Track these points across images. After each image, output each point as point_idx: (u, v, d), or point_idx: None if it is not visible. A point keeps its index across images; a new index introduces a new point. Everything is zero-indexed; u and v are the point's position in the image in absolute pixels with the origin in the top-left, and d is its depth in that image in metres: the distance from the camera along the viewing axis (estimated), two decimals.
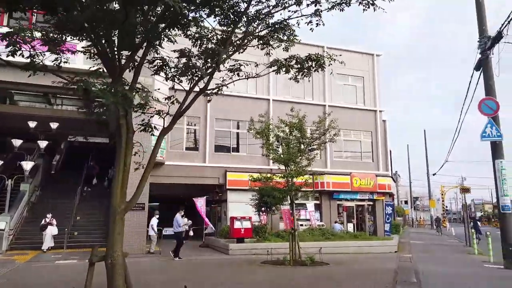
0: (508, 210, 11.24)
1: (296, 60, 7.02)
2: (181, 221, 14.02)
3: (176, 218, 14.15)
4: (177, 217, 14.20)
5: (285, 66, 7.08)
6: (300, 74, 7.34)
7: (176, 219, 14.08)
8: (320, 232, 17.30)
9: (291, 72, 7.25)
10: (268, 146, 12.36)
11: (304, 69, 7.12)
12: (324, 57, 7.18)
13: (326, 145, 22.42)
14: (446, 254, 15.76)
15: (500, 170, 11.33)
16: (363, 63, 24.48)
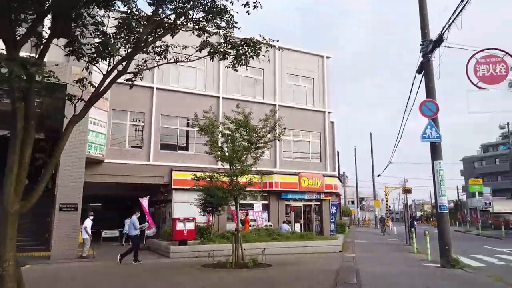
0: (445, 210, 11.48)
1: (231, 44, 6.46)
2: (137, 224, 13.30)
3: (132, 220, 13.42)
4: (133, 219, 13.45)
5: (218, 51, 6.46)
6: (237, 61, 6.78)
7: (133, 222, 13.34)
8: (267, 232, 16.94)
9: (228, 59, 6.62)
10: (212, 144, 11.74)
11: (241, 56, 6.55)
12: (260, 42, 6.67)
13: (276, 145, 22.29)
14: (388, 253, 16.02)
15: (439, 171, 11.55)
16: (313, 64, 24.58)
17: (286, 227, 19.52)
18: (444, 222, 11.43)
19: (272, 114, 12.58)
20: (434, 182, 11.67)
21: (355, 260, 13.36)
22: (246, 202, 21.30)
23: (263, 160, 22.17)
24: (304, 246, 16.05)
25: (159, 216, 21.62)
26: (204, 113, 11.99)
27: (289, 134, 23.07)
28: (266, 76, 22.81)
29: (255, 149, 12.25)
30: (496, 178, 56.86)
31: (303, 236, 17.28)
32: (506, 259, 13.83)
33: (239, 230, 12.06)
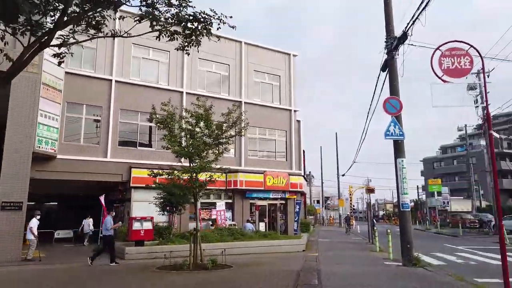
0: (407, 208, 11.35)
1: (179, 19, 5.79)
2: (110, 224, 12.63)
3: (106, 220, 12.70)
4: (107, 219, 12.76)
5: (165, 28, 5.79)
6: (188, 42, 6.13)
7: (106, 222, 12.64)
8: (229, 232, 16.37)
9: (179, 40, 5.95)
10: (170, 138, 11.00)
11: (191, 35, 5.91)
12: (211, 17, 6.05)
13: (241, 143, 21.78)
14: (351, 252, 15.86)
15: (401, 169, 11.41)
16: (280, 62, 24.24)
17: (250, 226, 19.04)
18: (406, 221, 11.29)
19: (235, 108, 11.97)
20: (397, 180, 11.51)
21: (318, 259, 13.05)
22: (210, 201, 20.65)
23: (228, 158, 21.62)
24: (267, 246, 15.62)
25: (117, 215, 20.51)
26: (162, 105, 11.23)
27: (255, 132, 22.64)
28: (232, 72, 22.21)
29: (216, 145, 11.63)
30: (454, 178, 59.13)
31: (266, 236, 16.85)
32: (465, 257, 13.96)
33: (198, 229, 11.39)
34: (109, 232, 12.53)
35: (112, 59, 18.58)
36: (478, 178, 48.39)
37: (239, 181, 20.67)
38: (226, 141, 11.87)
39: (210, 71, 21.59)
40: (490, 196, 53.03)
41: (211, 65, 21.60)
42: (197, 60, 21.04)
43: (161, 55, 20.11)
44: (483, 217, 36.83)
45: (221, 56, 21.83)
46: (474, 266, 11.81)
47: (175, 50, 21.40)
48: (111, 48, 18.60)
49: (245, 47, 22.83)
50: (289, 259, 13.44)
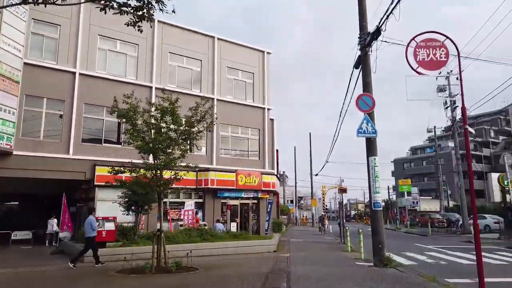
0: (379, 208, 11.08)
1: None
2: (95, 224, 11.99)
3: (89, 221, 11.86)
4: (90, 219, 11.95)
5: None
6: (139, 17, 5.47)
7: (90, 222, 11.83)
8: (199, 232, 15.70)
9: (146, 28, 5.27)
10: (132, 133, 10.25)
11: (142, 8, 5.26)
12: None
13: (212, 141, 21.13)
14: (322, 252, 15.54)
15: (373, 167, 11.13)
16: (254, 60, 23.75)
17: (221, 226, 18.42)
18: (377, 220, 11.01)
19: (203, 102, 11.35)
20: (369, 178, 11.22)
21: (289, 260, 12.61)
22: (180, 201, 19.92)
23: (199, 157, 20.93)
24: (237, 247, 15.07)
25: (80, 216, 19.42)
26: (124, 98, 10.46)
27: (227, 130, 22.07)
28: (204, 68, 21.53)
29: (183, 140, 10.97)
30: (423, 178, 60.53)
31: (237, 236, 16.30)
32: (435, 257, 13.89)
33: (162, 230, 10.70)
34: (93, 233, 11.88)
35: (76, 50, 17.54)
36: (446, 178, 49.58)
37: (210, 180, 20.03)
38: (194, 137, 11.23)
39: (181, 66, 20.84)
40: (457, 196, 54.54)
41: (182, 60, 20.85)
42: (168, 55, 20.26)
43: (129, 48, 19.19)
44: (450, 216, 37.68)
45: (192, 51, 21.13)
46: (444, 266, 11.68)
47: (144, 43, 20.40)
48: (75, 38, 17.57)
49: (218, 42, 22.20)
50: (259, 260, 12.95)
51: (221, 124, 21.66)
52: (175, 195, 19.95)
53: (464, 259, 13.19)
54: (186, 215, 19.24)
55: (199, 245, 14.37)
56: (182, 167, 11.37)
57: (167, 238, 14.44)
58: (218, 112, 21.68)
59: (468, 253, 14.93)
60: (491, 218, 28.62)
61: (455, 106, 28.79)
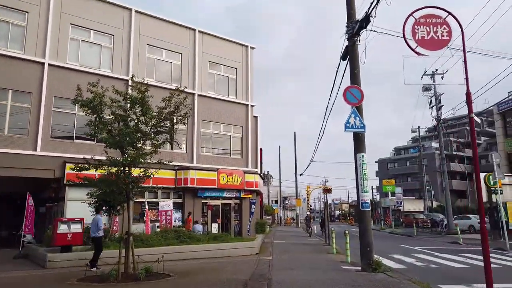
0: (367, 208, 10.28)
1: None
2: (101, 224, 11.32)
3: (96, 220, 11.18)
4: (97, 218, 11.21)
5: None
6: None
7: (97, 221, 11.15)
8: (176, 234, 14.68)
9: None
10: (96, 124, 9.19)
11: None
12: None
13: (193, 138, 20.11)
14: (306, 255, 14.71)
15: (361, 165, 10.34)
16: (237, 54, 22.82)
17: (200, 228, 17.44)
18: (365, 221, 10.22)
19: (177, 93, 10.37)
20: (357, 177, 10.43)
21: (271, 264, 11.74)
22: (157, 201, 18.83)
23: (179, 154, 19.89)
24: (217, 249, 14.11)
25: (50, 217, 18.16)
26: (89, 86, 9.39)
27: (209, 127, 21.10)
28: (184, 62, 20.49)
29: (155, 134, 9.96)
30: (407, 179, 60.59)
31: (217, 238, 15.33)
32: (424, 259, 13.21)
33: (131, 233, 9.68)
34: (100, 233, 11.17)
35: (46, 39, 16.28)
36: (429, 179, 49.60)
37: (190, 179, 19.00)
38: (167, 131, 10.24)
39: (160, 59, 19.75)
40: (441, 196, 54.70)
41: (161, 52, 19.76)
42: (146, 47, 19.16)
43: (104, 38, 18.00)
44: (434, 217, 37.48)
45: (172, 44, 20.07)
46: (435, 269, 10.97)
47: (120, 34, 19.24)
48: (45, 27, 16.32)
49: (200, 36, 21.20)
50: (240, 264, 12.03)
51: (202, 121, 20.70)
52: (153, 194, 18.86)
53: (455, 262, 12.54)
54: (164, 215, 18.17)
55: (176, 248, 13.38)
56: (154, 164, 10.35)
57: (141, 241, 13.44)
58: (199, 108, 20.75)
59: (457, 255, 14.33)
60: (476, 219, 28.31)
61: (440, 106, 28.43)
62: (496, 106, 27.61)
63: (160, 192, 19.01)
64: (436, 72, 29.11)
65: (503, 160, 28.38)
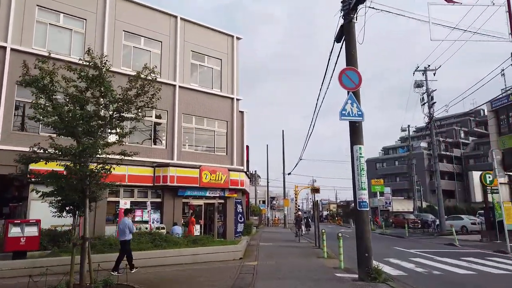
0: (366, 208, 8.96)
1: None
2: (132, 226, 10.64)
3: (126, 223, 10.52)
4: (127, 221, 10.61)
5: None
6: None
7: (127, 224, 10.49)
8: (150, 237, 13.16)
9: None
10: (45, 107, 7.62)
11: None
12: None
13: (173, 132, 18.58)
14: (295, 259, 13.34)
15: (359, 158, 9.01)
16: (222, 44, 21.35)
17: (178, 229, 15.95)
18: (363, 223, 8.89)
19: (145, 72, 8.88)
20: (353, 172, 9.10)
21: (256, 271, 10.35)
22: (134, 200, 17.26)
23: (158, 150, 18.33)
24: (195, 254, 12.63)
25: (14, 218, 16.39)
26: (37, 62, 7.82)
27: (191, 121, 19.59)
28: (165, 51, 18.94)
29: (118, 120, 8.44)
30: (395, 179, 59.87)
31: (197, 241, 13.85)
32: (424, 265, 11.94)
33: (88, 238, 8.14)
34: (129, 236, 10.42)
35: (8, 21, 14.58)
36: (418, 178, 48.88)
37: (170, 177, 17.45)
38: (136, 116, 8.73)
39: (138, 47, 18.16)
40: (430, 196, 54.09)
41: (140, 40, 18.17)
42: (122, 33, 17.55)
43: (75, 23, 16.35)
44: (424, 217, 36.63)
45: (152, 31, 18.50)
46: (440, 277, 9.69)
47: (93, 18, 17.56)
48: (7, 8, 14.62)
49: (182, 23, 19.67)
50: (220, 271, 10.59)
51: (184, 114, 19.19)
52: (129, 194, 17.27)
53: (458, 267, 11.31)
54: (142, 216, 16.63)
55: (149, 253, 11.86)
56: (125, 159, 8.85)
57: (109, 245, 11.90)
58: (181, 101, 19.21)
59: (458, 259, 13.13)
60: (468, 219, 27.43)
61: (432, 102, 27.42)
62: (489, 103, 26.70)
63: (137, 191, 17.45)
64: (428, 68, 28.13)
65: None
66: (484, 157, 57.09)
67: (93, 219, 15.57)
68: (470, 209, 42.30)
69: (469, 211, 39.98)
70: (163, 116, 18.54)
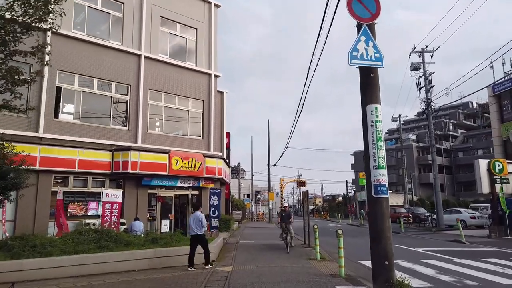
0: (385, 194, 6.11)
1: None
2: (204, 221, 10.02)
3: (200, 217, 9.85)
4: (200, 215, 9.93)
5: None
6: None
7: (200, 218, 9.82)
8: (95, 236, 10.09)
9: None
10: None
11: None
12: None
13: (137, 110, 15.54)
14: (281, 262, 10.49)
15: (374, 123, 6.17)
16: (198, 12, 18.27)
17: (139, 226, 12.95)
18: (382, 217, 6.05)
19: None
20: (366, 143, 6.26)
21: (229, 282, 7.47)
22: (87, 190, 14.15)
23: (117, 131, 15.20)
24: (152, 258, 9.65)
25: None
26: None
27: (159, 99, 16.53)
28: (128, 15, 15.76)
29: None
30: None
31: (156, 241, 10.82)
32: (445, 270, 9.21)
33: None
34: (203, 230, 9.86)
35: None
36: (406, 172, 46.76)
37: (132, 163, 14.41)
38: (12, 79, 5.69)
39: (94, 7, 14.95)
40: (418, 189, 52.15)
41: (96, 0, 14.98)
42: None
43: None
44: (416, 211, 34.43)
45: None
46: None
47: None
48: None
49: None
50: (179, 283, 7.66)
51: (150, 90, 16.11)
52: (82, 183, 14.15)
53: (490, 272, 8.64)
54: (109, 209, 13.42)
55: (88, 257, 8.82)
56: None
57: (33, 247, 8.81)
58: (147, 74, 16.07)
59: (480, 260, 10.51)
60: (467, 213, 25.12)
61: (431, 86, 24.92)
62: (490, 88, 24.40)
63: (91, 180, 14.33)
64: (426, 50, 25.62)
65: (497, 148, 25.23)
66: (473, 150, 55.45)
67: (33, 213, 12.48)
68: (462, 203, 40.36)
69: (460, 205, 38.02)
70: (124, 91, 15.44)
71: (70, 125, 13.90)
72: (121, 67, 15.25)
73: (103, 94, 14.88)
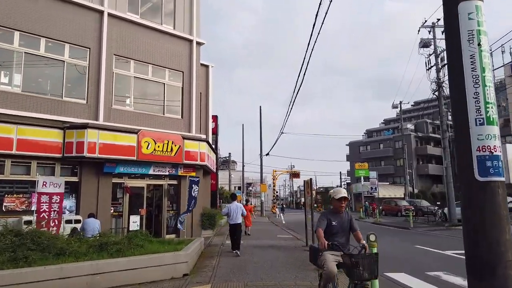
0: (499, 176, 3.03)
1: None
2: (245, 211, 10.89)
3: (239, 207, 10.44)
4: (239, 205, 10.52)
5: None
6: None
7: (239, 208, 10.42)
8: (16, 242, 6.92)
9: None
10: None
11: None
12: None
13: (100, 81, 12.26)
14: (279, 275, 7.47)
15: (477, 36, 3.09)
16: None
17: (95, 223, 9.79)
18: (497, 211, 2.96)
19: None
20: (457, 73, 3.17)
21: None
22: (31, 179, 10.91)
23: (70, 105, 11.93)
24: (95, 274, 6.54)
25: None
26: None
27: (128, 68, 13.30)
28: None
29: None
30: (380, 163, 55.06)
31: (106, 247, 7.66)
32: None
33: None
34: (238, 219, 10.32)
35: None
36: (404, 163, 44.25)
37: (89, 144, 11.23)
38: None
39: None
40: (417, 181, 49.67)
41: None
42: None
43: None
44: (417, 203, 31.84)
45: None
46: None
47: None
48: None
49: None
50: None
51: (116, 56, 12.89)
52: (23, 169, 10.93)
53: None
54: (47, 202, 10.20)
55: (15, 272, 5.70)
56: None
57: None
58: (111, 36, 12.78)
59: None
60: None
61: (443, 64, 22.01)
62: (508, 67, 21.61)
63: (36, 166, 11.10)
64: (437, 24, 22.65)
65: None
66: None
67: None
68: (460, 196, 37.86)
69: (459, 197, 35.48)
70: (82, 55, 12.17)
71: (6, 95, 10.65)
72: (77, 25, 11.98)
73: (53, 57, 11.60)
